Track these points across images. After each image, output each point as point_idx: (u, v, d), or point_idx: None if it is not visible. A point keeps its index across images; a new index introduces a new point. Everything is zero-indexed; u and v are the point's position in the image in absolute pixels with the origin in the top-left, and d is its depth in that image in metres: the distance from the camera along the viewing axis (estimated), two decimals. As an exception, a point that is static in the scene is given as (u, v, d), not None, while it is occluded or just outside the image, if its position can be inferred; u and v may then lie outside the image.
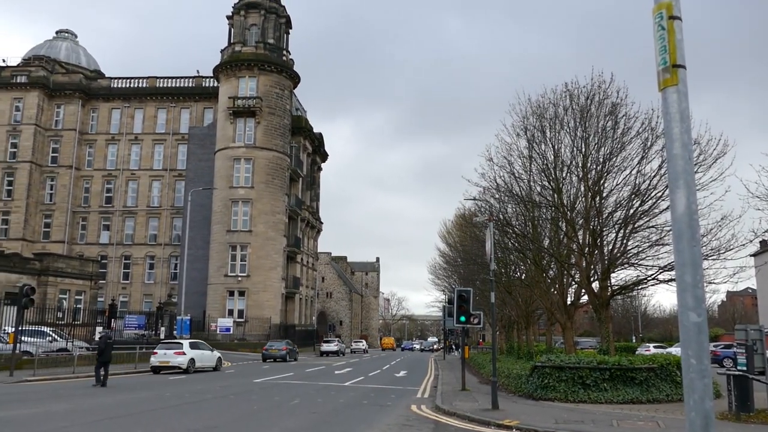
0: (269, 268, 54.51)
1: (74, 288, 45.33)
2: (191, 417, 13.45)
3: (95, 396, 17.55)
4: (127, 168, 63.21)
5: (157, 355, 27.28)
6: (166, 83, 65.00)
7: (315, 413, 14.75)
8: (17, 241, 59.07)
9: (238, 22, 58.27)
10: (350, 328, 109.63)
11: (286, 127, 58.27)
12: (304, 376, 27.80)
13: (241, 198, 54.75)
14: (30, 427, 11.49)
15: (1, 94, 61.99)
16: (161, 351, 27.63)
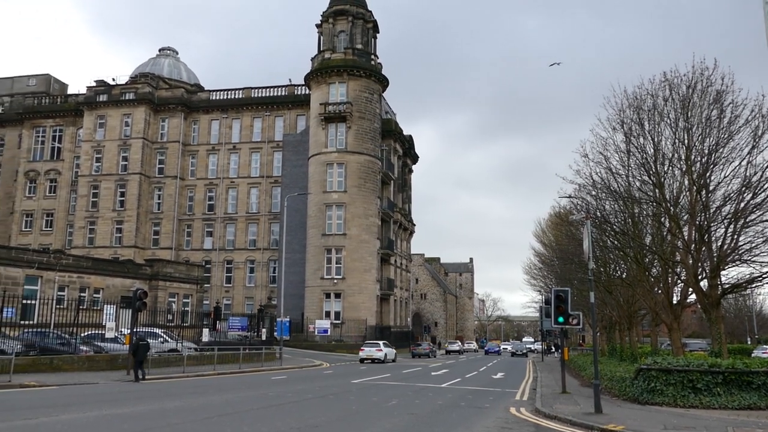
0: (363, 271, 55.33)
1: (182, 292, 48.02)
2: (294, 416, 13.86)
3: (204, 394, 18.48)
4: (226, 176, 66.26)
5: (364, 351, 40.92)
6: (260, 93, 67.59)
7: (413, 414, 14.79)
8: (130, 249, 63.41)
9: (327, 30, 59.64)
10: (445, 329, 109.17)
11: (376, 130, 58.97)
12: (401, 377, 27.96)
13: (334, 202, 55.95)
14: (147, 423, 12.27)
15: (112, 111, 66.84)
16: (366, 348, 41.74)
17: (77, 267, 39.84)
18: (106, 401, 16.05)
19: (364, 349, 42.09)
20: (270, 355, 36.58)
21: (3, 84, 77.47)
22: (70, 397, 16.71)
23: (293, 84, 66.77)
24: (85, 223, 65.83)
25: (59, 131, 70.67)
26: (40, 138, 70.97)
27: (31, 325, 31.49)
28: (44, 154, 70.51)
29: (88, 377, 22.58)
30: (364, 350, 42.03)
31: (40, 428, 11.15)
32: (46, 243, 65.36)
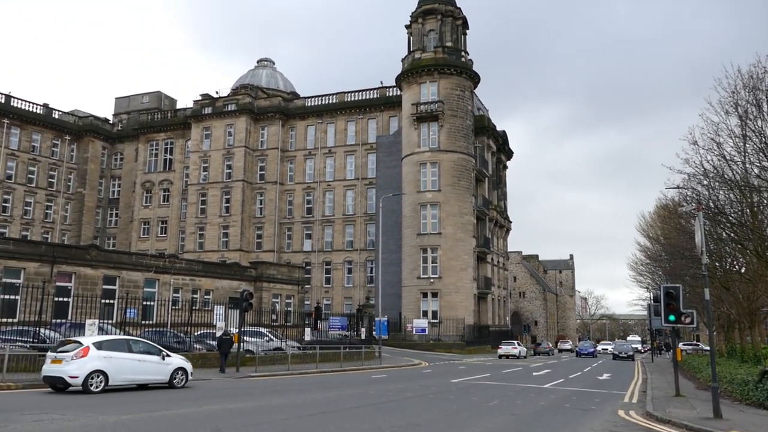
0: (460, 269, 54.94)
1: (284, 292, 49.78)
2: (394, 414, 13.99)
3: (308, 392, 19.05)
4: (323, 180, 68.01)
5: (502, 349, 46.55)
6: (353, 97, 68.86)
7: (515, 415, 14.52)
8: (235, 252, 66.54)
9: (416, 30, 59.80)
10: (546, 328, 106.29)
11: (468, 127, 58.42)
12: (501, 377, 27.51)
13: (429, 201, 55.97)
14: (256, 418, 12.83)
15: (216, 122, 70.48)
16: (504, 347, 48.16)
17: (189, 270, 42.31)
18: (218, 396, 16.93)
19: (502, 347, 50.41)
20: (369, 354, 37.13)
21: (121, 103, 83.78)
22: (186, 392, 17.76)
23: (384, 86, 67.47)
24: (195, 228, 69.83)
25: (170, 144, 75.42)
26: (153, 151, 76.06)
27: (151, 325, 33.77)
28: (158, 166, 75.49)
29: (201, 374, 23.89)
30: (502, 348, 50.38)
31: (162, 421, 11.94)
32: (161, 248, 69.92)
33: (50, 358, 16.89)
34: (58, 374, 16.53)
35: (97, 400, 15.25)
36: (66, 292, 32.76)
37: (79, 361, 16.47)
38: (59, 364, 16.52)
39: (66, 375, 16.40)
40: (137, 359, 18.18)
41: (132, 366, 17.87)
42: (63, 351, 16.87)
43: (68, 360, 16.49)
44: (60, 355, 16.69)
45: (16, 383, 17.66)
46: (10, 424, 10.98)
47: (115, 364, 17.23)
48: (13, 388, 17.30)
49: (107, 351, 17.32)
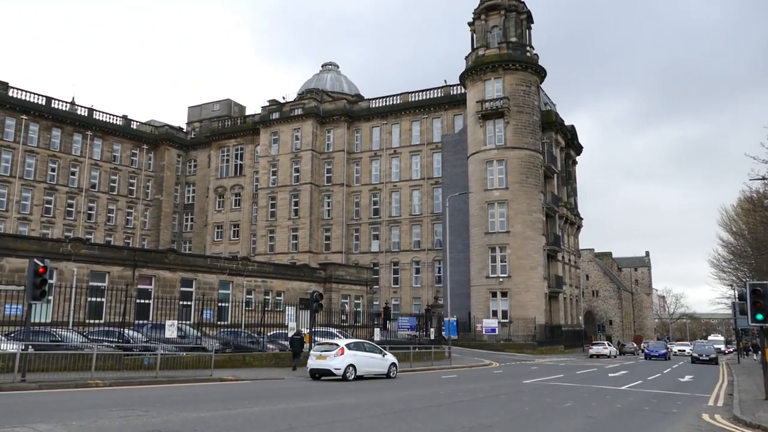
0: (530, 268, 53.90)
1: (353, 293, 50.31)
2: (466, 415, 13.87)
3: (379, 391, 19.17)
4: (389, 180, 68.32)
5: (593, 349, 45.89)
6: (416, 97, 68.85)
7: (590, 417, 14.10)
8: (305, 254, 67.81)
9: (479, 27, 59.15)
10: (621, 328, 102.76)
11: (535, 123, 57.25)
12: (575, 378, 26.80)
13: (496, 200, 55.21)
14: (330, 416, 13.01)
15: (283, 127, 72.09)
16: (595, 347, 47.09)
17: (261, 272, 43.45)
18: (292, 395, 17.30)
19: (593, 347, 54.22)
20: (439, 354, 36.99)
21: (193, 112, 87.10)
22: (261, 391, 18.27)
23: (448, 85, 67.12)
24: (265, 231, 71.67)
25: (240, 149, 77.73)
26: (225, 157, 78.62)
27: (226, 325, 34.90)
28: (229, 171, 77.96)
29: (274, 373, 24.50)
30: (593, 348, 54.32)
31: (238, 419, 12.30)
32: (234, 251, 72.12)
33: (314, 356, 23.14)
34: (325, 367, 22.65)
35: (351, 385, 20.87)
36: (147, 295, 34.32)
37: (339, 357, 22.53)
38: (324, 360, 22.66)
39: (332, 368, 22.48)
40: (369, 356, 24.02)
41: (367, 361, 23.77)
42: (326, 351, 22.99)
43: (331, 357, 22.53)
44: (324, 354, 22.82)
45: (104, 381, 18.64)
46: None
47: (359, 360, 23.22)
48: (101, 385, 18.26)
49: (354, 351, 23.35)
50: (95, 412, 12.52)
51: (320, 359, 22.80)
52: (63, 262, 31.39)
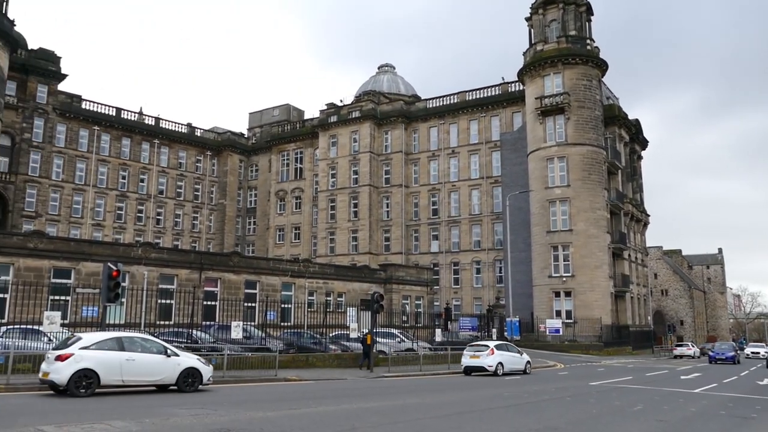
0: (594, 267, 52.45)
1: (414, 294, 50.30)
2: (531, 416, 13.62)
3: (441, 392, 19.08)
4: (448, 180, 67.95)
5: (677, 350, 40.54)
6: (474, 95, 68.21)
7: (662, 421, 13.56)
8: (365, 255, 68.27)
9: (537, 22, 58.06)
10: (693, 329, 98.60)
11: (597, 118, 55.68)
12: (645, 380, 25.88)
13: (557, 197, 54.04)
14: (392, 416, 13.03)
15: (342, 130, 72.86)
16: (679, 348, 42.55)
17: (322, 274, 44.05)
18: (354, 395, 17.44)
19: (677, 348, 54.12)
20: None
21: (254, 117, 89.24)
22: (324, 391, 18.49)
23: (506, 82, 66.18)
24: (326, 233, 72.60)
25: (300, 153, 79.08)
26: (285, 161, 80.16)
27: (289, 326, 35.53)
28: (289, 175, 79.43)
29: (336, 373, 24.77)
30: (678, 349, 54.11)
31: (302, 418, 12.49)
32: (295, 253, 73.38)
33: (468, 355, 27.23)
34: (479, 365, 26.66)
35: (498, 380, 23.91)
36: (213, 296, 35.37)
37: (491, 357, 26.54)
38: (478, 359, 26.76)
39: (485, 365, 26.55)
40: (511, 356, 27.84)
41: (510, 359, 27.60)
42: (479, 351, 27.03)
43: (484, 356, 26.63)
44: (477, 354, 26.92)
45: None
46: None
47: (505, 358, 27.17)
48: (172, 384, 18.89)
49: (501, 351, 27.37)
50: (167, 410, 12.98)
51: (474, 358, 26.87)
52: (134, 266, 32.74)
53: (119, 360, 16.01)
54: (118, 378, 16.09)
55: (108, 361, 15.79)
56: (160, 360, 16.80)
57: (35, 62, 63.27)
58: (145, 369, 16.53)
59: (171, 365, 16.95)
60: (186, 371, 17.15)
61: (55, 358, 15.34)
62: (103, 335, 16.85)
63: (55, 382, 15.31)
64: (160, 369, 16.76)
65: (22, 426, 10.26)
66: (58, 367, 15.16)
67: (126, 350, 16.34)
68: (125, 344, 16.51)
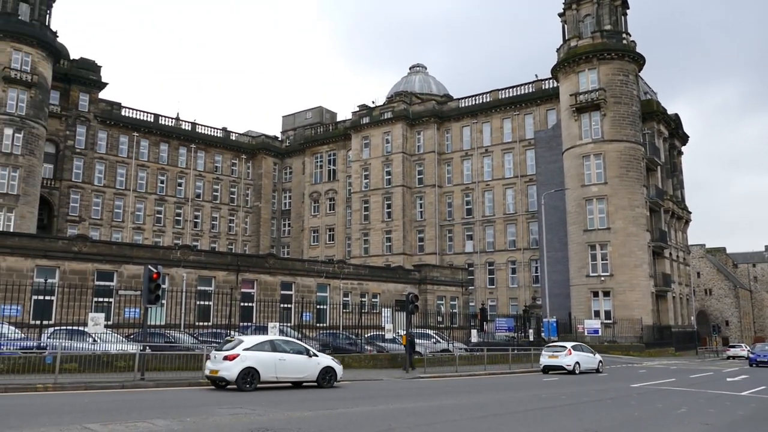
0: (633, 266, 51.38)
1: (448, 294, 50.08)
2: (570, 419, 13.40)
3: (478, 393, 18.93)
4: (481, 180, 67.47)
5: (730, 351, 36.95)
6: (507, 93, 67.57)
7: (707, 425, 13.18)
8: (399, 256, 68.27)
9: (570, 17, 57.20)
10: (740, 329, 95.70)
11: (635, 114, 54.56)
12: (689, 382, 25.22)
13: (594, 195, 53.12)
14: (429, 417, 12.99)
15: (374, 131, 73.02)
16: (732, 349, 38.97)
17: (357, 275, 44.20)
18: (390, 396, 17.43)
19: (731, 349, 52.79)
20: (539, 356, 35.99)
21: (287, 120, 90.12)
22: (360, 391, 18.54)
23: (539, 79, 65.39)
24: (360, 234, 72.85)
25: (333, 155, 79.55)
26: (318, 163, 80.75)
27: (324, 327, 35.76)
28: (322, 177, 79.97)
29: (372, 374, 24.80)
30: (731, 350, 52.63)
31: (340, 418, 12.54)
32: (330, 254, 73.83)
33: (546, 355, 29.30)
34: (558, 364, 28.65)
35: (536, 382, 23.97)
36: (249, 298, 35.82)
37: (568, 357, 28.52)
38: (556, 359, 28.77)
39: (564, 364, 28.40)
40: (586, 355, 29.79)
41: (586, 359, 29.50)
42: (557, 352, 29.02)
43: (562, 356, 28.57)
44: (556, 354, 28.94)
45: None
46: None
47: (581, 358, 29.06)
48: (211, 384, 19.16)
49: (579, 351, 29.38)
50: (207, 409, 13.18)
51: (552, 358, 28.92)
52: (173, 268, 33.39)
53: (274, 360, 18.38)
54: (273, 375, 18.42)
55: (266, 361, 18.16)
56: (304, 360, 19.14)
57: (77, 72, 65.14)
58: (293, 367, 18.84)
59: (313, 364, 19.28)
60: (324, 369, 19.43)
61: (223, 358, 17.72)
62: (260, 338, 19.50)
63: (225, 378, 17.66)
64: (304, 367, 19.09)
65: (197, 413, 10.55)
66: (228, 365, 17.56)
67: (278, 351, 18.72)
68: (277, 346, 18.96)
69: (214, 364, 17.91)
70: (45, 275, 28.24)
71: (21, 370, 18.05)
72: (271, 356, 18.36)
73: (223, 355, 17.82)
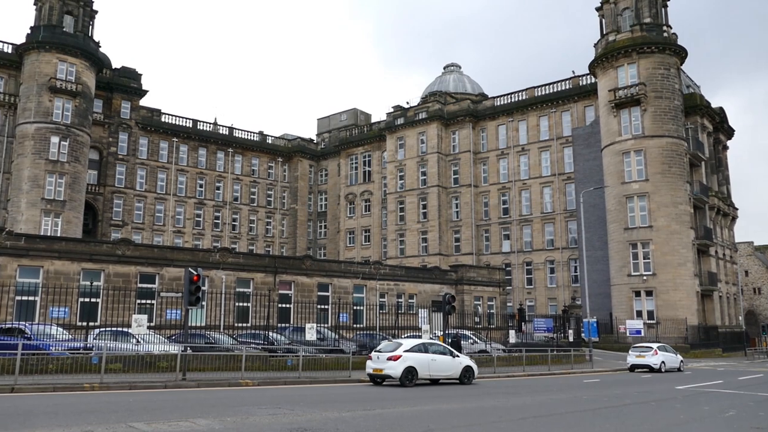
0: (677, 265, 50.05)
1: (485, 294, 49.65)
2: (612, 422, 13.11)
3: (517, 395, 18.69)
4: (518, 179, 66.75)
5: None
6: (543, 91, 66.69)
7: (758, 429, 12.72)
8: (435, 256, 68.02)
9: (608, 11, 56.10)
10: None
11: (677, 108, 53.16)
12: (737, 384, 24.42)
13: (635, 193, 51.97)
14: (469, 419, 12.86)
15: (409, 131, 72.95)
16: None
17: (393, 276, 44.19)
18: (426, 397, 17.34)
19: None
20: (579, 357, 35.42)
21: (322, 123, 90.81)
22: (398, 392, 18.48)
23: (576, 75, 64.36)
24: (395, 235, 72.86)
25: (368, 156, 79.79)
26: (353, 165, 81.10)
27: (361, 328, 35.84)
28: (358, 179, 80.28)
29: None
30: None
31: (377, 419, 12.52)
32: (366, 256, 74.05)
33: (634, 355, 32.23)
34: (646, 363, 31.54)
35: (577, 383, 24.41)
36: (287, 299, 36.17)
37: (656, 356, 31.34)
38: (644, 358, 31.63)
39: (651, 363, 31.17)
40: (671, 356, 32.59)
41: (669, 358, 32.34)
42: (644, 352, 31.96)
43: (649, 356, 31.53)
44: (643, 354, 31.87)
45: (253, 380, 19.82)
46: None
47: (666, 357, 31.91)
48: (250, 384, 19.43)
49: (663, 352, 31.95)
50: (246, 409, 13.34)
51: (639, 357, 31.75)
52: (213, 270, 33.95)
53: (427, 360, 21.12)
54: (426, 373, 21.14)
55: (421, 361, 20.86)
56: (449, 360, 21.95)
57: (119, 80, 66.90)
58: (442, 366, 21.66)
59: (456, 364, 22.04)
60: (465, 368, 22.17)
61: (387, 358, 20.46)
62: (415, 341, 22.07)
63: (390, 375, 20.33)
64: (450, 366, 21.91)
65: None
66: (393, 365, 20.28)
67: (429, 353, 21.35)
68: (427, 348, 21.68)
69: (378, 363, 20.66)
70: (91, 278, 29.04)
71: (69, 370, 18.61)
72: (425, 357, 21.11)
73: (387, 356, 20.53)
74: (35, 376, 17.71)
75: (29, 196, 53.02)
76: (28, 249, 29.52)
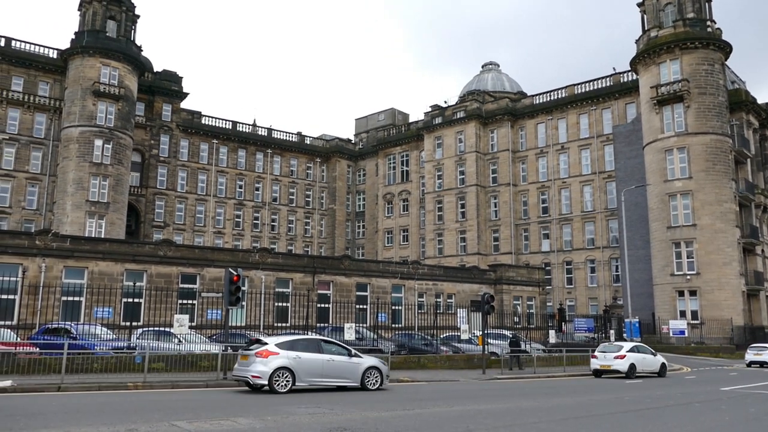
0: (722, 264, 48.68)
1: (525, 294, 49.18)
2: (654, 423, 12.88)
3: (557, 395, 18.51)
4: (557, 177, 65.88)
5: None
6: (583, 88, 65.66)
7: (808, 433, 12.34)
8: (473, 256, 67.65)
9: (650, 7, 54.89)
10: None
11: (721, 104, 51.68)
12: (786, 387, 23.63)
13: (678, 191, 50.73)
14: (507, 419, 12.83)
15: (447, 131, 72.73)
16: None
17: (432, 275, 44.17)
18: (466, 397, 17.33)
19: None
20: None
21: (360, 123, 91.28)
22: (436, 393, 18.53)
23: (617, 72, 63.20)
24: (434, 235, 72.75)
25: (406, 156, 79.86)
26: (391, 164, 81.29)
27: (399, 328, 35.93)
28: (396, 178, 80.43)
29: (448, 375, 24.71)
30: None
31: (416, 419, 12.60)
32: (404, 255, 74.13)
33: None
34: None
35: (620, 384, 24.45)
36: (326, 299, 36.52)
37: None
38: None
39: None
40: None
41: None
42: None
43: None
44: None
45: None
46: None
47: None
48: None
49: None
50: (286, 408, 13.57)
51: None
52: (252, 271, 34.52)
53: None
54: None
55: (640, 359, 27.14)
56: None
57: (160, 83, 68.54)
58: None
59: None
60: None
61: (614, 357, 26.19)
62: (630, 344, 27.67)
63: (619, 371, 26.18)
64: None
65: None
66: (620, 363, 26.12)
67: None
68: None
69: (605, 361, 26.07)
70: (133, 279, 29.87)
71: (113, 369, 19.20)
72: None
73: (614, 355, 25.79)
74: (81, 375, 18.27)
75: (74, 198, 54.70)
76: (73, 250, 30.49)
